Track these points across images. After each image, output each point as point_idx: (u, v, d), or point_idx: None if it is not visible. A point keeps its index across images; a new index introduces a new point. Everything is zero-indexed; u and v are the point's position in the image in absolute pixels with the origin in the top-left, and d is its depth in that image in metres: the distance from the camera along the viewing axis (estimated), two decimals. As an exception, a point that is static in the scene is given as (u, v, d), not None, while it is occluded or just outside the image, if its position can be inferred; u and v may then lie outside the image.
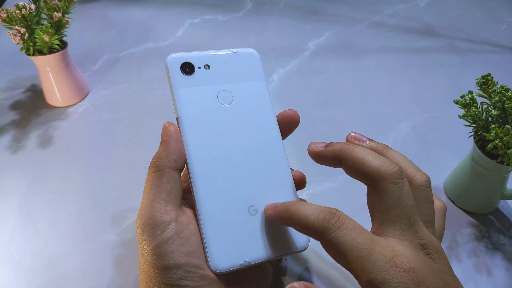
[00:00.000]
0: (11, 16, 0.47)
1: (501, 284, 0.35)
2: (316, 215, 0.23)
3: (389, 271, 0.21)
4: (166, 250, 0.24)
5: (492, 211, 0.41)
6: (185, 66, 0.29)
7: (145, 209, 0.25)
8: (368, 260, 0.21)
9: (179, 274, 0.24)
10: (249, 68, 0.31)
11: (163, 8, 0.82)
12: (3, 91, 0.58)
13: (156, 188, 0.26)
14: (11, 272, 0.36)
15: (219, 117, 0.29)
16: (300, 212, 0.24)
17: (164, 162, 0.27)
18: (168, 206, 0.25)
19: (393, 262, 0.22)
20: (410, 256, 0.23)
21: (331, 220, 0.23)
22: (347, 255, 0.22)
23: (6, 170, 0.46)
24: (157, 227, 0.25)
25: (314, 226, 0.23)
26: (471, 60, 0.67)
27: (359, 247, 0.22)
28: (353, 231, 0.22)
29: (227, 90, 0.29)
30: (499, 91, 0.35)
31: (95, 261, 0.36)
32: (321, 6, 0.84)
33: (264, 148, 0.29)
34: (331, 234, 0.22)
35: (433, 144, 0.50)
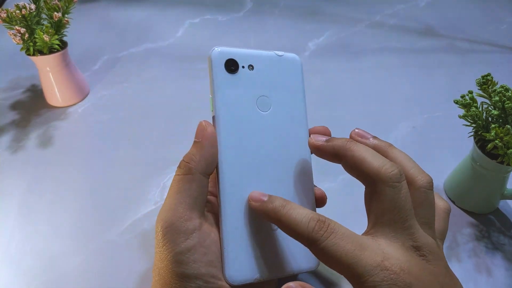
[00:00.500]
0: (11, 16, 0.47)
1: (501, 284, 0.35)
2: (305, 224, 0.23)
3: (379, 275, 0.21)
4: (188, 259, 0.24)
5: (492, 211, 0.41)
6: (229, 64, 0.28)
7: (168, 212, 0.25)
8: (358, 266, 0.22)
9: (198, 283, 0.24)
10: (290, 76, 0.30)
11: (163, 8, 0.82)
12: (3, 91, 0.58)
13: (183, 191, 0.25)
14: (11, 272, 0.36)
15: (255, 124, 0.28)
16: (290, 217, 0.23)
17: (197, 166, 0.26)
18: (193, 213, 0.25)
19: (383, 265, 0.22)
20: (401, 258, 0.23)
21: (320, 231, 0.23)
22: (337, 263, 0.22)
23: (6, 170, 0.46)
24: (180, 234, 0.24)
25: (303, 234, 0.23)
26: (471, 60, 0.67)
27: (349, 254, 0.22)
28: (342, 239, 0.22)
29: (266, 96, 0.29)
30: (499, 91, 0.35)
31: (95, 261, 0.36)
32: (321, 6, 0.84)
33: (293, 162, 0.29)
34: (321, 244, 0.22)
35: (433, 144, 0.50)
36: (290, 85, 0.30)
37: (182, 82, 0.61)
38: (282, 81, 0.30)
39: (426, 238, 0.24)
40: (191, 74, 0.62)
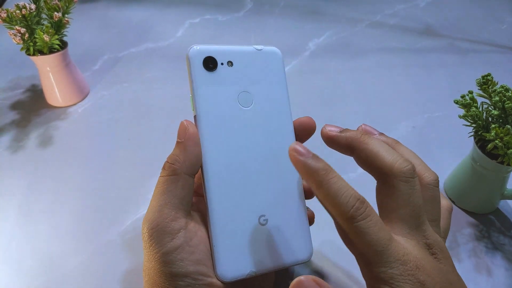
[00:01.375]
0: (11, 16, 0.47)
1: (501, 284, 0.35)
2: (346, 198, 0.22)
3: (398, 268, 0.22)
4: (175, 258, 0.24)
5: (492, 211, 0.41)
6: (208, 62, 0.28)
7: (154, 213, 0.25)
8: (383, 256, 0.22)
9: (187, 281, 0.24)
10: (271, 69, 0.30)
11: (163, 8, 0.82)
12: (3, 91, 0.59)
13: (169, 192, 0.25)
14: (12, 272, 0.36)
15: (238, 120, 0.28)
16: (332, 187, 0.23)
17: (181, 167, 0.25)
18: (178, 212, 0.25)
19: (403, 260, 0.22)
20: (418, 255, 0.23)
21: (359, 210, 0.22)
22: (364, 246, 0.22)
23: (6, 170, 0.46)
24: (167, 234, 0.24)
25: (341, 208, 0.22)
26: (471, 60, 0.67)
27: (379, 241, 0.22)
28: (376, 225, 0.23)
29: (248, 91, 0.29)
30: (499, 91, 0.35)
31: (95, 261, 0.36)
32: (321, 6, 0.84)
33: (279, 157, 0.29)
34: (356, 223, 0.22)
35: (433, 144, 0.50)
36: (271, 79, 0.30)
37: (183, 82, 0.61)
38: (262, 76, 0.29)
39: (435, 236, 0.25)
40: (191, 74, 0.62)
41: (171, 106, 0.56)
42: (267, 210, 0.27)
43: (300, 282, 0.22)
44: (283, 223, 0.28)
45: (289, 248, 0.28)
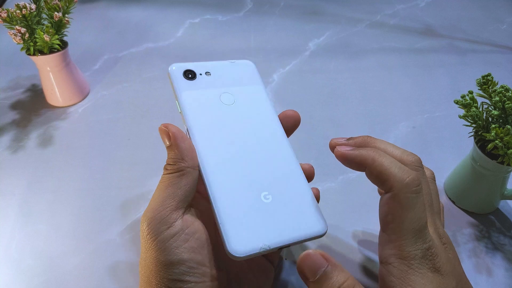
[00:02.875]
0: (11, 16, 0.47)
1: (501, 284, 0.35)
2: (403, 169, 0.25)
3: (423, 251, 0.24)
4: (171, 245, 0.24)
5: (492, 211, 0.41)
6: (187, 73, 0.31)
7: (157, 205, 0.25)
8: (416, 236, 0.24)
9: (182, 269, 0.24)
10: (247, 75, 0.33)
11: (163, 8, 0.82)
12: (4, 91, 0.59)
13: (174, 185, 0.26)
14: (11, 271, 0.36)
15: (224, 115, 0.29)
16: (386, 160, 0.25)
17: (184, 164, 0.26)
18: (180, 203, 0.26)
19: (428, 245, 0.24)
20: (437, 244, 0.25)
21: (415, 181, 0.25)
22: (405, 221, 0.24)
23: (7, 170, 0.46)
24: (163, 223, 0.25)
25: (398, 175, 0.25)
26: (471, 60, 0.67)
27: (420, 221, 0.24)
28: (423, 205, 0.25)
29: (228, 92, 0.31)
30: (499, 91, 0.35)
31: (95, 261, 0.36)
32: (321, 6, 0.84)
33: (270, 142, 0.30)
34: (409, 194, 0.24)
35: (433, 144, 0.50)
36: (249, 82, 0.33)
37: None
38: (240, 80, 0.32)
39: (442, 227, 0.27)
40: (191, 74, 0.62)
41: (171, 106, 0.56)
42: (268, 188, 0.28)
43: (307, 255, 0.24)
44: (288, 199, 0.28)
45: (299, 223, 0.27)
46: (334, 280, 0.23)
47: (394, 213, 0.24)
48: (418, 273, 0.23)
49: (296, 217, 0.27)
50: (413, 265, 0.23)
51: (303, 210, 0.28)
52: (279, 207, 0.27)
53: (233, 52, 0.68)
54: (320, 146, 0.49)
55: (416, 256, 0.24)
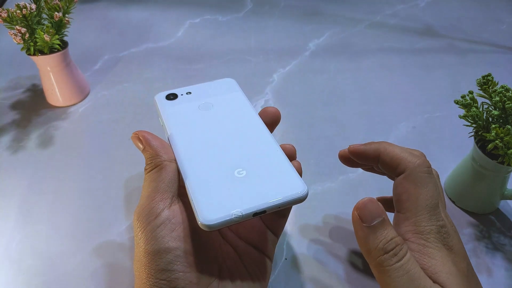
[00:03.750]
0: (12, 16, 0.47)
1: (501, 284, 0.35)
2: (411, 155, 0.28)
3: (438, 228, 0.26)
4: (157, 234, 0.24)
5: (493, 211, 0.41)
6: (169, 95, 0.33)
7: (143, 200, 0.26)
8: (431, 213, 0.26)
9: (169, 258, 0.24)
10: (226, 88, 0.35)
11: (163, 8, 0.82)
12: (4, 91, 0.59)
13: (156, 179, 0.26)
14: (11, 272, 0.36)
15: (202, 118, 0.31)
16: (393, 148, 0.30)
17: (160, 159, 0.27)
18: (165, 194, 0.26)
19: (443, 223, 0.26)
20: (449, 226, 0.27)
21: (424, 163, 0.28)
22: (420, 197, 0.26)
23: (7, 170, 0.46)
24: (150, 214, 0.25)
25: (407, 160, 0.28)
26: (471, 60, 0.67)
27: (433, 199, 0.26)
28: (434, 185, 0.27)
29: (207, 102, 0.33)
30: (499, 91, 0.35)
31: (95, 261, 0.36)
32: (321, 6, 0.84)
33: (248, 131, 0.30)
34: (421, 173, 0.27)
35: (433, 144, 0.50)
36: (228, 91, 0.34)
37: (183, 82, 0.61)
38: (219, 92, 0.34)
39: (446, 217, 0.28)
40: (191, 74, 0.62)
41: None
42: (242, 165, 0.27)
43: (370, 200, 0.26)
44: (263, 171, 0.27)
45: (275, 188, 0.26)
46: (388, 232, 0.25)
47: (409, 191, 0.27)
48: (435, 246, 0.25)
49: (272, 184, 0.26)
50: (429, 239, 0.25)
51: (279, 176, 0.27)
52: (253, 178, 0.26)
53: (233, 52, 0.68)
54: (320, 146, 0.49)
55: (431, 231, 0.25)
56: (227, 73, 0.63)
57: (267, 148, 0.29)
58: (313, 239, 0.39)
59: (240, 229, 0.30)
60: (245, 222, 0.30)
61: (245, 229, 0.30)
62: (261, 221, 0.31)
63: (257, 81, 0.61)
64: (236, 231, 0.30)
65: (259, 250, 0.30)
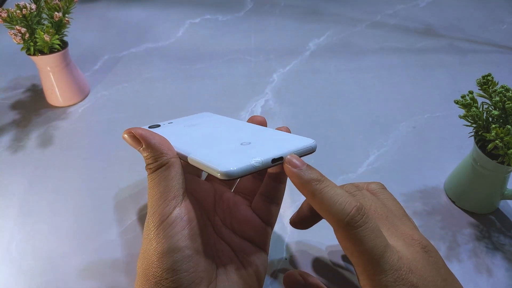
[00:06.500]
0: (11, 16, 0.47)
1: (502, 284, 0.35)
2: (341, 206, 0.23)
3: (393, 275, 0.23)
4: (168, 233, 0.24)
5: (493, 211, 0.41)
6: (151, 126, 0.35)
7: (156, 199, 0.25)
8: (378, 264, 0.23)
9: (177, 257, 0.24)
10: (207, 116, 0.38)
11: (163, 8, 0.82)
12: (4, 91, 0.59)
13: (166, 178, 0.26)
14: (12, 271, 0.36)
15: (192, 130, 0.33)
16: (325, 196, 0.23)
17: (166, 157, 0.26)
18: (176, 192, 0.26)
19: (397, 267, 0.23)
20: (410, 257, 0.24)
21: (355, 217, 0.23)
22: (361, 254, 0.23)
23: (7, 170, 0.46)
24: (165, 213, 0.25)
25: (336, 216, 0.23)
26: (471, 60, 0.67)
27: (375, 250, 0.23)
28: (373, 233, 0.23)
29: (192, 123, 0.35)
30: (499, 91, 0.35)
31: (95, 261, 0.36)
32: (321, 6, 0.84)
33: (242, 125, 0.32)
34: (353, 230, 0.23)
35: (433, 144, 0.50)
36: (209, 117, 0.38)
37: (183, 82, 0.61)
38: (199, 119, 0.37)
39: (421, 235, 0.26)
40: (191, 74, 0.62)
41: (171, 106, 0.56)
42: (245, 139, 0.28)
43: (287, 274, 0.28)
44: (265, 138, 0.28)
45: (286, 143, 0.26)
46: None
47: (348, 248, 0.24)
48: None
49: (282, 141, 0.27)
50: None
51: (284, 139, 0.27)
52: (261, 143, 0.27)
53: (233, 52, 0.68)
54: (320, 146, 0.49)
55: (388, 282, 0.23)
56: (227, 73, 0.63)
57: (262, 129, 0.31)
58: (313, 239, 0.38)
59: (235, 224, 0.30)
60: (240, 215, 0.30)
61: (240, 223, 0.30)
62: (255, 213, 0.31)
63: (257, 81, 0.61)
64: (231, 226, 0.30)
65: (254, 244, 0.30)
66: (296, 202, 0.41)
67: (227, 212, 0.31)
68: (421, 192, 0.43)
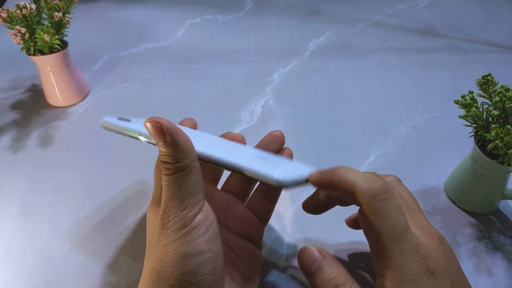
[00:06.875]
0: (11, 16, 0.47)
1: (502, 284, 0.35)
2: (369, 181, 0.24)
3: (412, 256, 0.23)
4: (191, 237, 0.24)
5: (493, 211, 0.41)
6: (121, 118, 0.33)
7: (177, 203, 0.25)
8: (399, 242, 0.23)
9: (199, 260, 0.24)
10: None
11: (163, 8, 0.82)
12: (4, 91, 0.59)
13: (188, 182, 0.25)
14: (12, 272, 0.36)
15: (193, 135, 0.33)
16: (352, 173, 0.25)
17: (189, 160, 0.25)
18: (198, 196, 0.25)
19: (416, 248, 0.23)
20: (428, 246, 0.24)
21: (382, 190, 0.24)
22: (384, 230, 0.23)
23: (7, 170, 0.46)
24: (189, 217, 0.25)
25: (364, 188, 0.24)
26: (471, 60, 0.67)
27: (399, 226, 0.24)
28: (397, 209, 0.24)
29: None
30: (499, 91, 0.35)
31: (95, 261, 0.36)
32: (321, 6, 0.84)
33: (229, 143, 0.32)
34: (379, 203, 0.24)
35: (433, 144, 0.50)
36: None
37: (183, 82, 0.61)
38: None
39: (429, 224, 0.27)
40: (191, 74, 0.62)
41: (172, 106, 0.56)
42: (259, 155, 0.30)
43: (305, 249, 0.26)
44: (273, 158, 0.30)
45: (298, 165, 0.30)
46: (326, 274, 0.25)
47: (371, 224, 0.24)
48: (411, 281, 0.23)
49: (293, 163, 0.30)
50: (404, 274, 0.23)
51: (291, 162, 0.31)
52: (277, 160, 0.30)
53: (233, 52, 0.68)
54: (320, 146, 0.49)
55: (406, 263, 0.23)
56: (227, 73, 0.63)
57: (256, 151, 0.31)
58: (313, 239, 0.38)
59: (231, 222, 0.31)
60: (236, 213, 0.31)
61: (236, 221, 0.31)
62: (251, 210, 0.32)
63: (257, 81, 0.61)
64: (227, 225, 0.31)
65: (250, 241, 0.30)
66: (296, 202, 0.41)
67: (221, 211, 0.31)
68: (421, 192, 0.43)
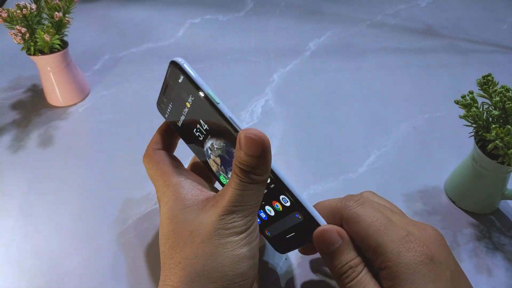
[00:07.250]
0: (12, 16, 0.47)
1: (502, 284, 0.35)
2: (338, 200, 0.27)
3: (405, 245, 0.24)
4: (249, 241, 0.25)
5: (493, 211, 0.41)
6: None
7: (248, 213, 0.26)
8: (385, 235, 0.24)
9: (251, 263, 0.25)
10: None
11: (164, 8, 0.82)
12: (4, 91, 0.59)
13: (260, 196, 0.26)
14: (12, 271, 0.36)
15: None
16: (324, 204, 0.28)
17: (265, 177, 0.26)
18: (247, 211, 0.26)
19: (408, 238, 0.24)
20: (422, 236, 0.25)
21: (352, 199, 0.27)
22: (365, 230, 0.25)
23: (7, 170, 0.46)
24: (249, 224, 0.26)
25: (337, 206, 0.27)
26: (472, 60, 0.67)
27: (378, 222, 0.25)
28: (372, 209, 0.26)
29: None
30: (499, 91, 0.35)
31: (96, 261, 0.37)
32: (322, 6, 0.84)
33: None
34: (353, 209, 0.26)
35: (433, 144, 0.50)
36: None
37: (183, 82, 0.61)
38: None
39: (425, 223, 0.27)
40: (191, 74, 0.62)
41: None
42: None
43: (325, 230, 0.26)
44: None
45: None
46: (344, 257, 0.26)
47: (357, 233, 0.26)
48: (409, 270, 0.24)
49: None
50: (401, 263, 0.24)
51: None
52: None
53: (233, 52, 0.68)
54: (320, 146, 0.49)
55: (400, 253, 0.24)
56: (227, 73, 0.63)
57: None
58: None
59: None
60: None
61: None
62: None
63: (257, 81, 0.61)
64: None
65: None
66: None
67: None
68: (421, 192, 0.43)
